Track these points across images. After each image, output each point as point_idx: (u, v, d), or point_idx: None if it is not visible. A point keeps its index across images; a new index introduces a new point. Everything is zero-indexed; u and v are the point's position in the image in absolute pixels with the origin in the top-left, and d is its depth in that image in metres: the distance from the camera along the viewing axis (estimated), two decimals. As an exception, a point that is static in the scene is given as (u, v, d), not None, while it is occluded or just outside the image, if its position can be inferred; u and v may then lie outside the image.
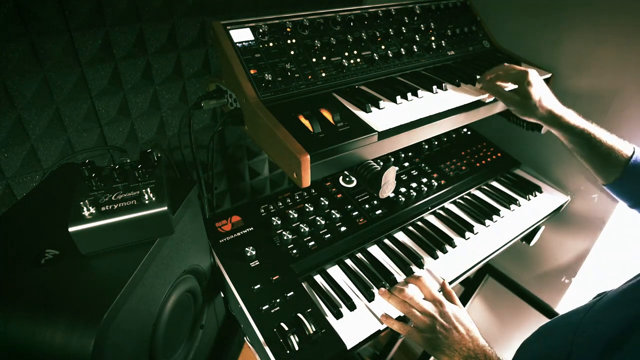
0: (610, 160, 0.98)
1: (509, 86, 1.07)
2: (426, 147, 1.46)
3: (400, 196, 1.21)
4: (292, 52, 0.98)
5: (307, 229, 1.06)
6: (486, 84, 1.07)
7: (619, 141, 0.99)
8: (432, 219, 1.23)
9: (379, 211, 1.17)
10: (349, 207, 1.17)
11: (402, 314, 0.93)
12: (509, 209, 1.28)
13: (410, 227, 1.19)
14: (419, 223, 1.21)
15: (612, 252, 1.40)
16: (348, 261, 1.07)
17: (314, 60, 1.00)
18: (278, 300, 0.89)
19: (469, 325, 0.89)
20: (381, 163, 0.89)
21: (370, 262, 1.06)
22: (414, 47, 1.15)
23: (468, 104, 1.02)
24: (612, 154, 0.97)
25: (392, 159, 1.36)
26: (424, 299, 0.93)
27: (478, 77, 1.12)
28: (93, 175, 0.68)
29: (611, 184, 1.01)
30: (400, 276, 1.03)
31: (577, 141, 1.00)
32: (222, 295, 1.06)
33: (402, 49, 1.12)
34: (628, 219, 1.32)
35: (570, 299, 1.54)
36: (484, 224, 1.21)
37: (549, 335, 0.86)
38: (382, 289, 0.97)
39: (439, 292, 0.96)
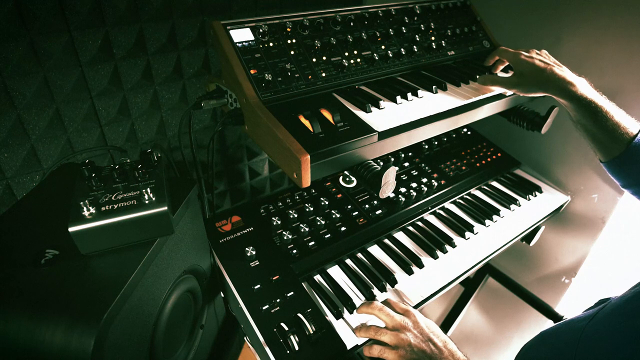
0: (614, 137, 0.94)
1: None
2: (426, 147, 1.46)
3: (400, 196, 1.21)
4: (292, 52, 0.98)
5: (307, 229, 1.06)
6: (482, 78, 1.07)
7: (627, 118, 0.95)
8: (432, 219, 1.23)
9: (379, 211, 1.17)
10: (349, 207, 1.17)
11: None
12: (509, 209, 1.28)
13: (410, 227, 1.19)
14: (419, 223, 1.21)
15: (612, 252, 1.40)
16: (348, 261, 1.07)
17: (314, 60, 1.00)
18: (278, 300, 0.89)
19: (444, 337, 0.84)
20: (381, 163, 0.89)
21: (370, 262, 1.06)
22: (414, 47, 1.15)
23: (468, 104, 1.02)
24: (617, 130, 0.93)
25: (392, 159, 1.37)
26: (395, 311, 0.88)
27: (478, 77, 1.12)
28: (93, 175, 0.68)
29: (610, 161, 0.98)
30: (400, 275, 1.03)
31: (584, 112, 0.96)
32: (222, 295, 1.06)
33: (402, 49, 1.12)
34: (628, 219, 1.32)
35: (570, 299, 1.54)
36: (484, 224, 1.21)
37: (553, 341, 0.84)
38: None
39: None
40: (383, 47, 1.12)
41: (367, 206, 1.18)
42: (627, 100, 1.17)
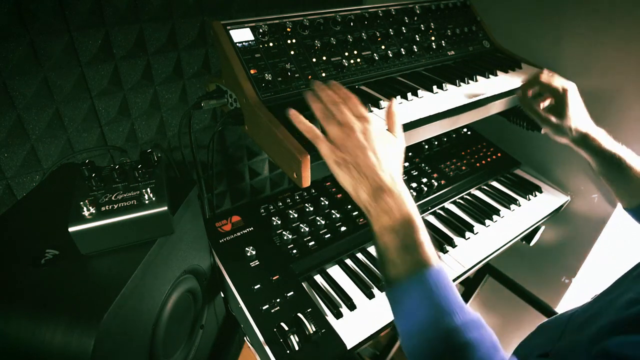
0: (636, 186, 0.95)
1: (546, 102, 1.04)
2: (426, 147, 1.46)
3: (400, 196, 1.21)
4: (292, 52, 0.98)
5: (307, 229, 1.06)
6: (522, 98, 1.04)
7: None
8: (432, 219, 1.23)
9: (379, 211, 1.17)
10: (349, 207, 1.17)
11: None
12: (509, 209, 1.28)
13: (410, 227, 1.19)
14: (419, 223, 1.21)
15: (612, 252, 1.40)
16: (348, 261, 1.07)
17: (314, 60, 1.00)
18: (278, 300, 0.89)
19: (394, 159, 0.69)
20: (381, 163, 0.89)
21: (370, 261, 1.06)
22: (414, 47, 1.15)
23: (468, 104, 1.02)
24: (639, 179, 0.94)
25: (392, 159, 1.37)
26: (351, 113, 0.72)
27: (480, 77, 1.12)
28: (93, 175, 0.68)
29: (634, 209, 0.99)
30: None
31: (606, 165, 0.97)
32: (222, 295, 1.05)
33: (402, 49, 1.12)
34: (628, 219, 1.32)
35: (570, 299, 1.54)
36: (484, 224, 1.21)
37: (545, 330, 0.87)
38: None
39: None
40: (383, 47, 1.12)
41: (367, 206, 1.18)
42: (627, 100, 1.17)
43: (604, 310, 0.71)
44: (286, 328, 0.83)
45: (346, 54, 1.05)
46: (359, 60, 1.06)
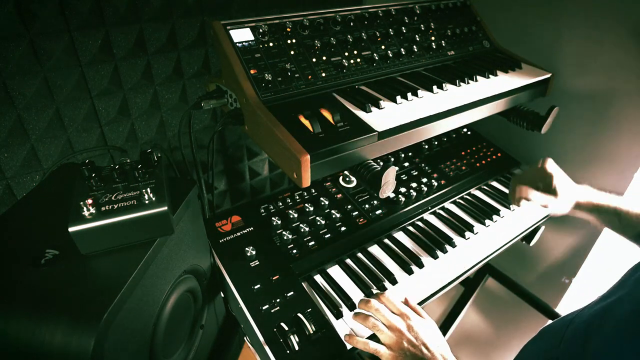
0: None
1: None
2: (426, 147, 1.46)
3: (400, 196, 1.21)
4: (292, 52, 0.98)
5: (307, 229, 1.06)
6: (518, 191, 1.08)
7: None
8: (432, 218, 1.23)
9: (379, 211, 1.17)
10: (349, 207, 1.17)
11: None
12: (509, 209, 1.28)
13: (410, 227, 1.19)
14: (419, 223, 1.21)
15: (612, 252, 1.40)
16: (348, 261, 1.07)
17: (314, 60, 1.00)
18: (278, 300, 0.89)
19: (439, 341, 0.82)
20: (381, 163, 0.89)
21: (370, 261, 1.06)
22: (414, 47, 1.15)
23: (468, 104, 1.02)
24: None
25: (392, 159, 1.37)
26: (391, 312, 0.86)
27: (480, 77, 1.12)
28: (93, 175, 0.68)
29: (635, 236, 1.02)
30: (400, 275, 1.03)
31: (607, 218, 1.02)
32: (222, 295, 1.05)
33: (402, 49, 1.13)
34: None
35: (571, 299, 1.54)
36: (484, 224, 1.21)
37: (547, 334, 0.87)
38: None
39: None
40: (383, 47, 1.12)
41: (367, 206, 1.18)
42: (627, 100, 1.18)
43: (604, 314, 0.71)
44: (286, 328, 0.83)
45: (346, 54, 1.05)
46: (359, 60, 1.06)
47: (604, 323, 0.69)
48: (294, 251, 1.02)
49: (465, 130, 1.59)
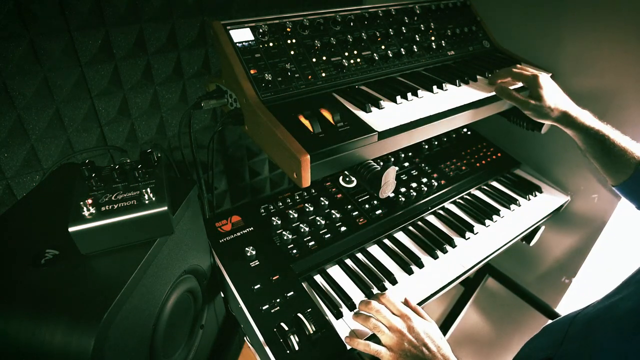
0: (622, 162, 0.99)
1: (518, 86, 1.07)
2: (426, 147, 1.46)
3: (400, 196, 1.21)
4: (292, 52, 0.98)
5: (307, 229, 1.06)
6: (500, 88, 1.07)
7: (632, 143, 1.00)
8: (432, 219, 1.23)
9: (379, 211, 1.17)
10: (349, 207, 1.17)
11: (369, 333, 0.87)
12: (509, 209, 1.28)
13: (410, 227, 1.19)
14: (419, 223, 1.21)
15: (612, 252, 1.40)
16: (348, 261, 1.07)
17: (314, 60, 1.00)
18: (278, 300, 0.89)
19: (440, 342, 0.82)
20: (381, 163, 0.89)
21: (370, 262, 1.06)
22: (414, 47, 1.15)
23: (468, 104, 1.02)
24: (625, 155, 0.98)
25: (392, 159, 1.37)
26: (392, 313, 0.87)
27: (480, 77, 1.12)
28: (93, 175, 0.68)
29: (620, 185, 1.02)
30: (400, 275, 1.03)
31: (591, 142, 1.01)
32: (222, 295, 1.05)
33: (402, 49, 1.13)
34: (628, 219, 1.32)
35: (571, 299, 1.54)
36: (484, 224, 1.21)
37: (550, 331, 0.87)
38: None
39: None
40: (383, 47, 1.12)
41: (367, 206, 1.18)
42: (627, 100, 1.17)
43: (607, 312, 0.71)
44: (286, 328, 0.83)
45: (346, 54, 1.05)
46: (359, 60, 1.06)
47: (606, 320, 0.69)
48: (294, 251, 1.02)
49: (465, 130, 1.59)
